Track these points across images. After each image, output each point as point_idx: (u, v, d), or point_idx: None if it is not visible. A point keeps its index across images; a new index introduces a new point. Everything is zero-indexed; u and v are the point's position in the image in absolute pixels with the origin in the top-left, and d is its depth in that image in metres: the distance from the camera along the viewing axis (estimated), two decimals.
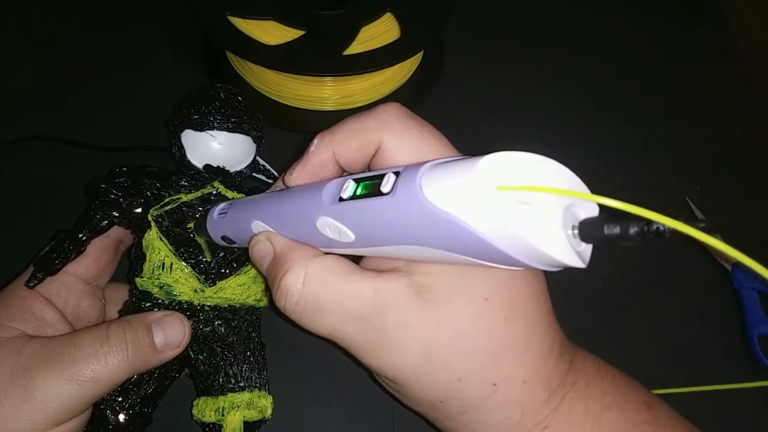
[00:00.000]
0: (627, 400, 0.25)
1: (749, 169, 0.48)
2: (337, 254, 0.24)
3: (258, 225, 0.25)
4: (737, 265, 0.41)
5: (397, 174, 0.19)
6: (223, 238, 0.28)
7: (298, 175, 0.25)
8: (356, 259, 0.25)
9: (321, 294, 0.23)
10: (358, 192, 0.20)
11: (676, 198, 0.45)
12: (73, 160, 0.43)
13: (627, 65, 0.54)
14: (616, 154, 0.47)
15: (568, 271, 0.19)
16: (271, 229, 0.25)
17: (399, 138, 0.23)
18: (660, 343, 0.39)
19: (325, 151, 0.24)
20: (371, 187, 0.20)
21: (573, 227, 0.18)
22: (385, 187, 0.19)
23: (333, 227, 0.21)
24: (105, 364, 0.26)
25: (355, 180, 0.21)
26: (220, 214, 0.28)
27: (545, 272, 0.23)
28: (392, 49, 0.45)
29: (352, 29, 0.46)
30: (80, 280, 0.31)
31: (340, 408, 0.35)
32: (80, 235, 0.30)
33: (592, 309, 0.39)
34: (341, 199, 0.21)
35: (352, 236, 0.21)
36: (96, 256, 0.31)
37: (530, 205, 0.17)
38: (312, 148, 0.25)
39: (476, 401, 0.23)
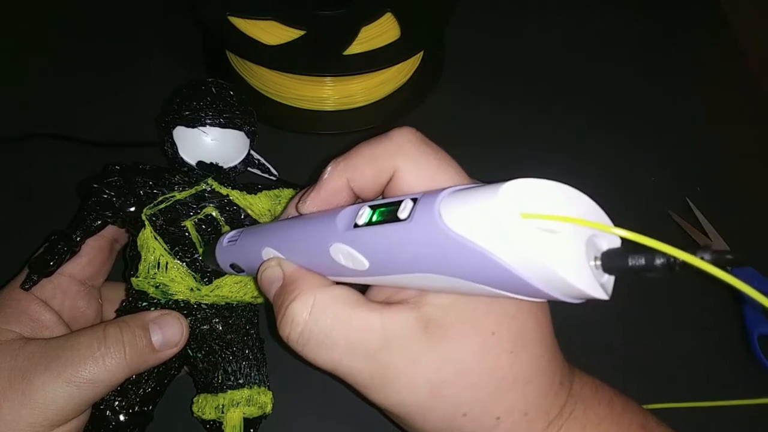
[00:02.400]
0: (623, 424, 0.25)
1: (749, 169, 0.48)
2: (346, 284, 0.23)
3: (269, 252, 0.25)
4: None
5: (414, 200, 0.19)
6: (232, 266, 0.28)
7: (312, 202, 0.25)
8: (363, 289, 0.24)
9: (327, 326, 0.22)
10: (374, 218, 0.20)
11: (676, 198, 0.45)
12: (73, 158, 0.43)
13: (627, 66, 0.54)
14: (617, 154, 0.47)
15: None
16: (282, 256, 0.25)
17: (414, 165, 0.23)
18: (660, 343, 0.39)
19: (338, 178, 0.24)
20: (388, 213, 0.20)
21: (596, 258, 0.17)
22: (403, 213, 0.19)
23: (347, 254, 0.21)
24: (103, 365, 0.26)
25: (371, 206, 0.21)
26: (230, 241, 0.28)
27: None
28: (392, 49, 0.45)
29: (352, 29, 0.46)
30: (75, 280, 0.31)
31: (340, 405, 0.35)
32: (74, 236, 0.30)
33: (590, 310, 0.39)
34: (356, 226, 0.20)
35: (366, 264, 0.21)
36: (90, 256, 0.31)
37: (555, 234, 0.17)
38: (326, 175, 0.25)
39: None
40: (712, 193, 0.45)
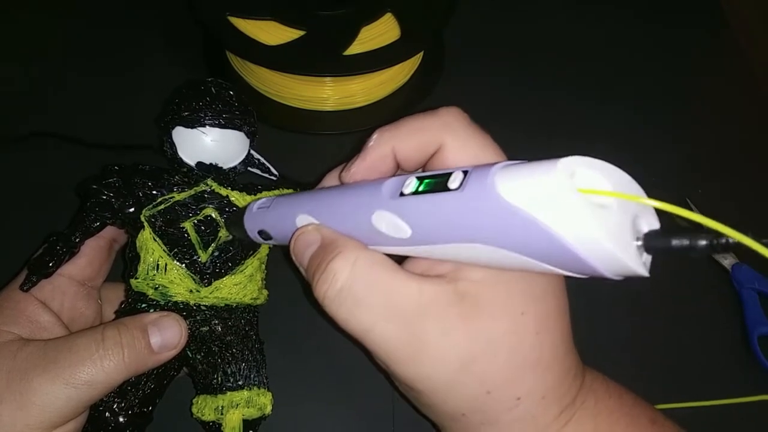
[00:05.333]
0: (633, 417, 0.25)
1: (750, 169, 0.48)
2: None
3: (304, 219, 0.25)
4: (738, 265, 0.41)
5: (465, 173, 0.19)
6: (260, 232, 0.28)
7: (357, 168, 0.25)
8: (398, 262, 0.24)
9: (366, 285, 0.22)
10: (421, 188, 0.20)
11: (676, 198, 0.45)
12: (73, 159, 0.43)
13: (627, 66, 0.54)
14: (616, 154, 0.47)
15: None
16: (317, 223, 0.25)
17: (460, 142, 0.23)
18: (660, 343, 0.39)
19: (384, 146, 0.24)
20: (436, 184, 0.20)
21: (638, 238, 0.18)
22: (453, 183, 0.19)
23: (390, 222, 0.21)
24: (101, 367, 0.26)
25: (417, 177, 0.21)
26: (260, 207, 0.28)
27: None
28: (392, 49, 0.45)
29: (352, 29, 0.46)
30: (74, 281, 0.31)
31: (340, 406, 0.35)
32: (73, 237, 0.30)
33: (591, 310, 0.39)
34: (402, 194, 0.21)
35: (409, 232, 0.21)
36: (90, 257, 0.31)
37: (607, 209, 0.17)
38: (371, 142, 0.25)
39: (498, 414, 0.23)
40: (712, 193, 0.45)
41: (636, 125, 0.50)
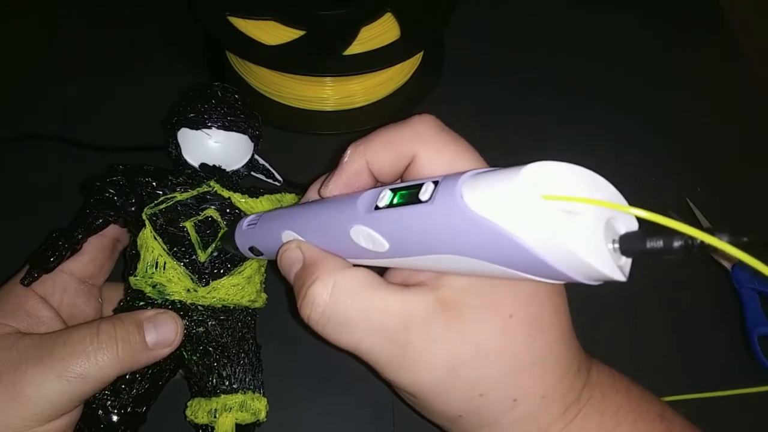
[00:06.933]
0: (641, 412, 0.25)
1: (749, 169, 0.48)
2: (365, 266, 0.24)
3: (289, 235, 0.25)
4: (738, 265, 0.41)
5: (435, 183, 0.19)
6: (251, 249, 0.28)
7: (334, 185, 0.25)
8: (381, 272, 0.24)
9: (347, 307, 0.22)
10: (395, 201, 0.20)
11: (676, 198, 0.45)
12: (72, 159, 0.43)
13: (626, 66, 0.54)
14: (616, 154, 0.47)
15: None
16: (302, 239, 0.25)
17: (434, 151, 0.23)
18: (660, 343, 0.39)
19: (358, 161, 0.25)
20: (409, 196, 0.20)
21: (614, 240, 0.17)
22: (424, 195, 0.19)
23: (367, 236, 0.21)
24: (95, 360, 0.26)
25: (391, 189, 0.21)
26: (249, 225, 0.28)
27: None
28: (392, 49, 0.45)
29: (352, 29, 0.46)
30: (75, 278, 0.31)
31: (338, 411, 0.35)
32: (75, 233, 0.30)
33: (590, 310, 0.39)
34: (377, 208, 0.21)
35: (386, 245, 0.21)
36: (92, 255, 0.31)
37: (575, 215, 0.17)
38: (346, 158, 0.25)
39: (496, 416, 0.23)
40: (712, 193, 0.45)
41: (636, 125, 0.50)
